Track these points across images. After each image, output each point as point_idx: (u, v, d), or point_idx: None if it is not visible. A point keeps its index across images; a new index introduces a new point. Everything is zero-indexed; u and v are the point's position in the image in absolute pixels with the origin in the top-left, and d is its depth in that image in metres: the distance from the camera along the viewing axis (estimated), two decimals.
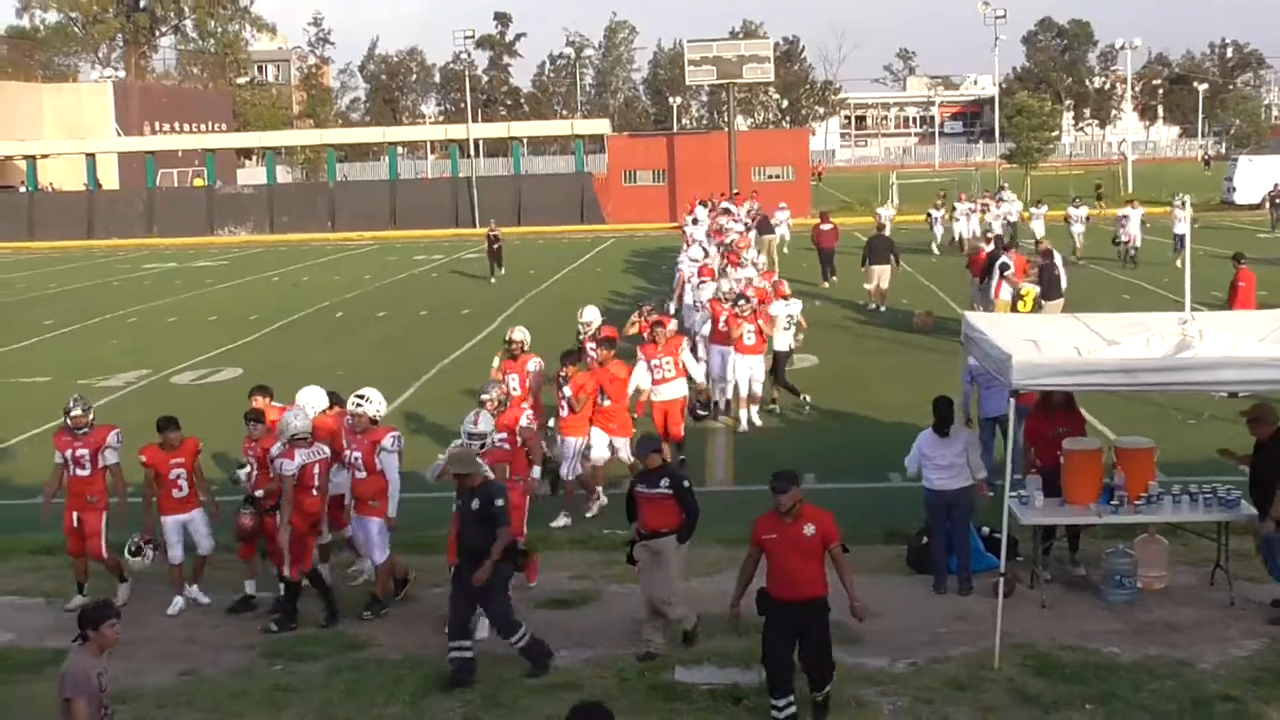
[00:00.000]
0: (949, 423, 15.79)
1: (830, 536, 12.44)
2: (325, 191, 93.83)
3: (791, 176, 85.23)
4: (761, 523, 12.59)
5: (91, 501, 16.39)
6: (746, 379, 24.63)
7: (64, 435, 16.65)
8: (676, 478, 14.24)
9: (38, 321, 44.79)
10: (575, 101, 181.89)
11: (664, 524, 14.13)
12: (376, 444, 15.74)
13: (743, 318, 24.49)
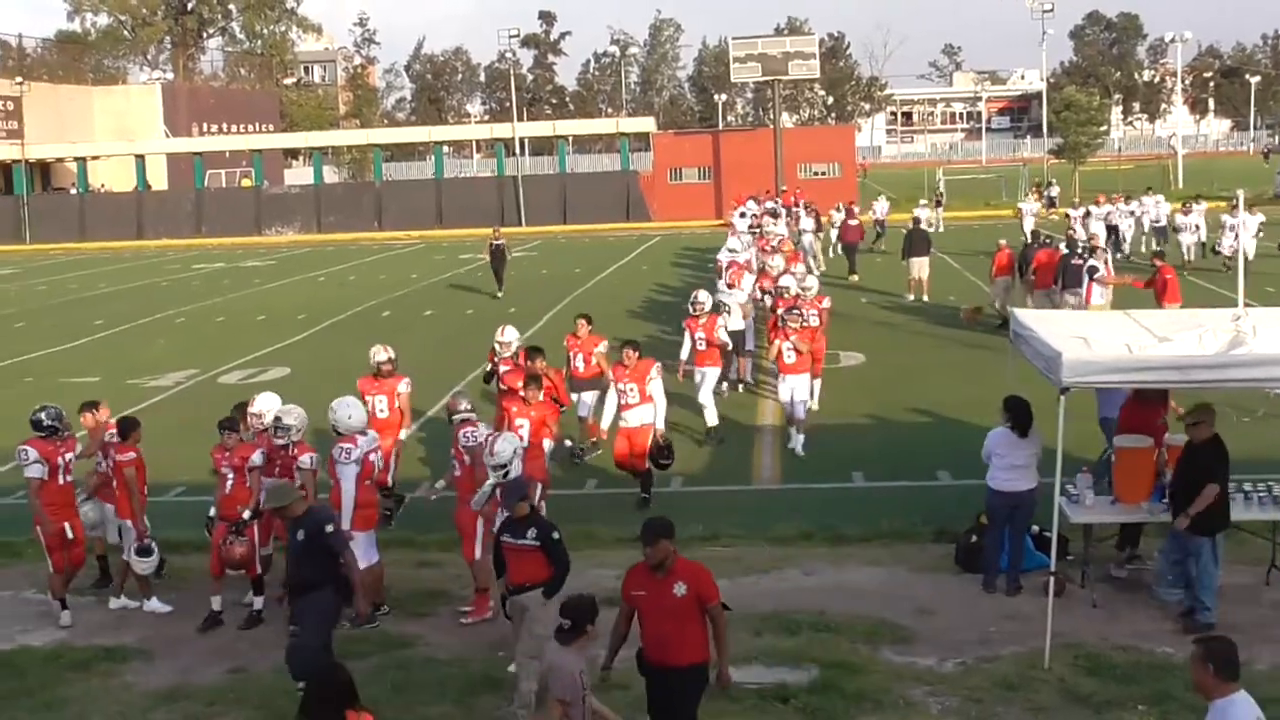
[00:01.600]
0: (1029, 423, 15.59)
1: (706, 595, 10.89)
2: (371, 191, 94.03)
3: (838, 173, 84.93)
4: (631, 576, 11.26)
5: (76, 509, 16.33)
6: (789, 399, 23.11)
7: (46, 445, 16.12)
8: (544, 528, 12.88)
9: (88, 321, 45.03)
10: (620, 99, 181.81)
11: (530, 578, 12.84)
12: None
13: (788, 331, 23.20)
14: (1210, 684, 8.24)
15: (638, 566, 11.17)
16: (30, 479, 15.99)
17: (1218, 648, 8.33)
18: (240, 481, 15.79)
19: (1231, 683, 8.19)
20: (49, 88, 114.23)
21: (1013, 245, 37.14)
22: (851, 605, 15.13)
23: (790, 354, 23.00)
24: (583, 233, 79.72)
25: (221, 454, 16.04)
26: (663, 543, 10.87)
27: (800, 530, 18.03)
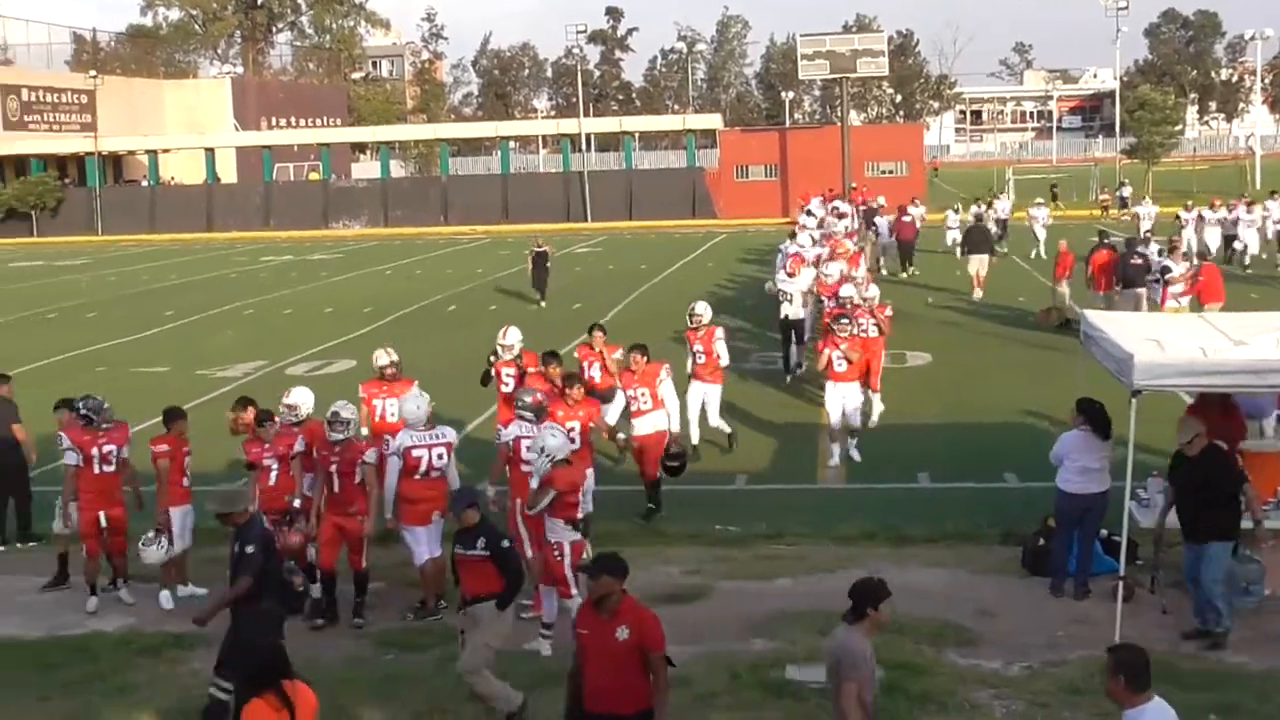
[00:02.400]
0: (1108, 426, 15.33)
1: (649, 642, 10.03)
2: (438, 185, 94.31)
3: (905, 172, 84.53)
4: (581, 612, 10.52)
5: (118, 498, 16.45)
6: (839, 408, 21.97)
7: (84, 434, 16.32)
8: (494, 537, 12.50)
9: (158, 313, 45.36)
10: (687, 96, 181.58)
11: (481, 589, 12.49)
12: None
13: (837, 339, 21.97)
14: (1121, 694, 8.27)
15: (586, 602, 10.56)
16: (65, 465, 16.36)
17: (1127, 658, 8.35)
18: (284, 471, 15.87)
19: (1142, 693, 8.21)
20: (122, 81, 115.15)
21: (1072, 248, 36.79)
22: (916, 606, 15.02)
23: (840, 362, 21.82)
24: (648, 229, 79.68)
25: (260, 446, 16.02)
26: (605, 579, 10.09)
27: (864, 530, 17.97)
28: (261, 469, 15.93)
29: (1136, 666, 8.28)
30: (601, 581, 10.08)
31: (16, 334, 40.87)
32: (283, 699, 8.79)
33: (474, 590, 12.52)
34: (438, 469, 15.60)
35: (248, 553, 12.34)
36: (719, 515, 19.11)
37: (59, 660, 14.59)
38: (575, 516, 14.40)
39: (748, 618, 14.90)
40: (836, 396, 21.89)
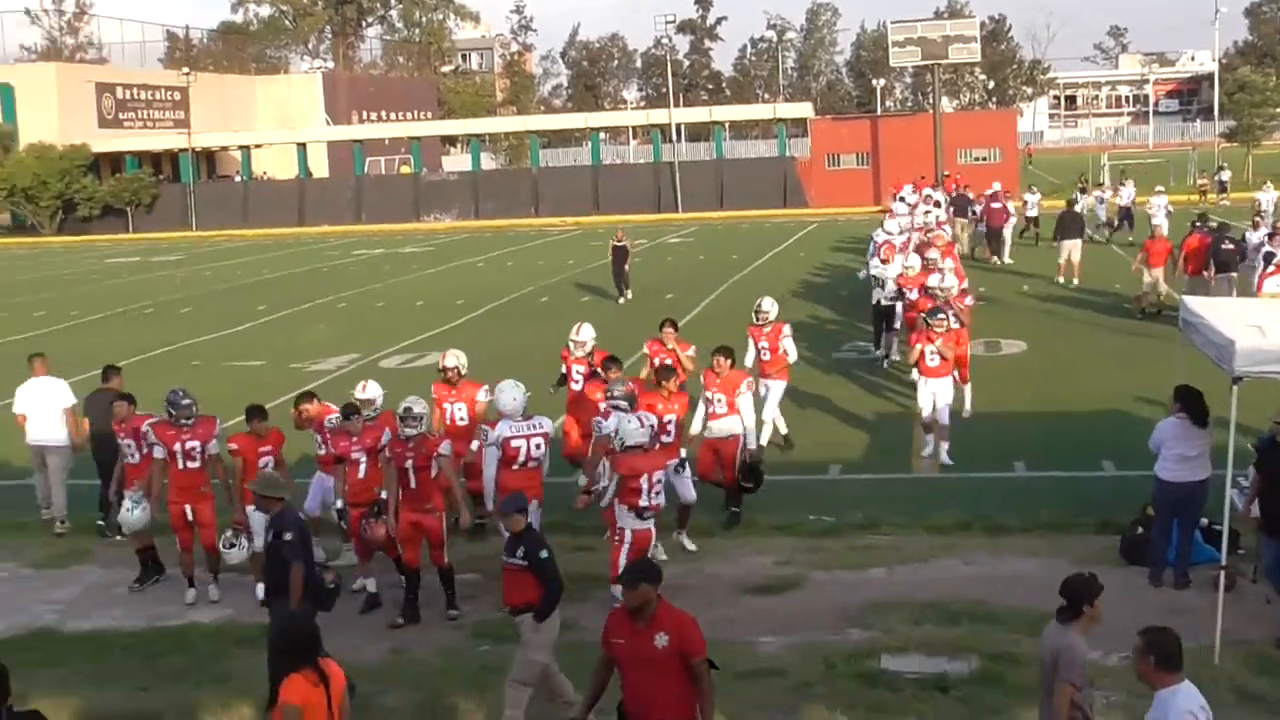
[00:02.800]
0: (1206, 413, 15.13)
1: (691, 649, 9.69)
2: (528, 177, 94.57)
3: (999, 159, 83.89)
4: (612, 620, 10.12)
5: (204, 492, 16.54)
6: (930, 404, 21.36)
7: (168, 429, 16.53)
8: (534, 547, 12.11)
9: (252, 307, 45.76)
10: (777, 85, 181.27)
11: (519, 599, 12.20)
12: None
13: (932, 334, 21.40)
14: (1153, 676, 8.37)
15: (618, 611, 10.13)
16: (154, 459, 16.61)
17: (1158, 640, 8.43)
18: (373, 463, 15.87)
19: (1174, 674, 8.30)
20: (214, 78, 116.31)
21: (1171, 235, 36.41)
22: (1012, 596, 14.93)
23: (933, 358, 21.28)
24: (739, 219, 79.54)
25: (347, 440, 16.11)
26: (643, 587, 9.75)
27: (959, 519, 17.85)
28: (350, 462, 16.00)
29: (1167, 648, 8.35)
30: (639, 590, 9.73)
31: (114, 329, 41.34)
32: (319, 674, 9.17)
33: (512, 600, 12.30)
34: (535, 459, 15.74)
35: (287, 539, 12.52)
36: (812, 505, 19.05)
37: (158, 650, 14.75)
38: (638, 503, 14.50)
39: (842, 608, 14.85)
40: (928, 392, 21.35)
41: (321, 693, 9.15)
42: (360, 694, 13.26)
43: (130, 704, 13.38)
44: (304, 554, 12.56)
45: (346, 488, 16.01)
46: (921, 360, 21.38)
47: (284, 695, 9.13)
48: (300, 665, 9.22)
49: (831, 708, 12.42)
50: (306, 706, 9.07)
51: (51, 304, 49.52)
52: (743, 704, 12.62)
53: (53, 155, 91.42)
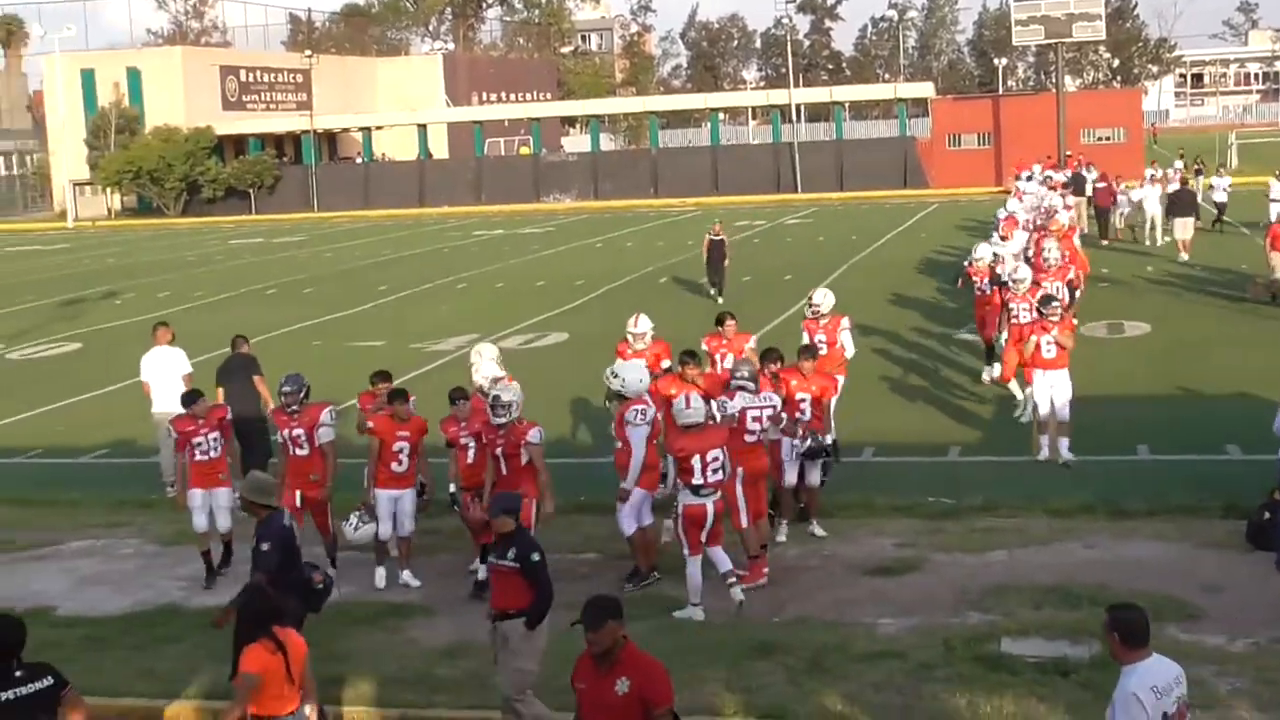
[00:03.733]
0: None
1: (655, 698, 9.00)
2: (647, 158, 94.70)
3: (1123, 138, 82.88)
4: (580, 662, 9.42)
5: (314, 480, 16.33)
6: (1047, 400, 20.14)
7: (280, 415, 16.61)
8: (525, 548, 11.64)
9: (373, 287, 46.16)
10: (898, 65, 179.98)
11: (510, 604, 11.74)
12: (622, 416, 15.72)
13: (1048, 324, 20.25)
14: (1119, 651, 8.46)
15: (585, 655, 9.29)
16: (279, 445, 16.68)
17: (1123, 617, 8.50)
18: (481, 448, 15.76)
19: (1136, 651, 8.38)
20: (336, 60, 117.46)
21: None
22: (1135, 580, 14.76)
23: (1049, 348, 19.96)
24: (859, 200, 79.19)
25: (456, 425, 16.07)
26: (610, 625, 9.03)
27: (1081, 503, 17.66)
28: (459, 447, 16.01)
29: (1131, 624, 8.42)
30: (606, 629, 9.03)
31: (238, 309, 41.87)
32: (276, 643, 9.98)
33: (501, 604, 11.85)
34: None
35: (263, 550, 12.31)
36: (932, 487, 18.96)
37: None
38: (690, 481, 14.63)
39: (962, 590, 14.76)
40: (1045, 386, 20.06)
41: (280, 660, 9.96)
42: (479, 671, 13.39)
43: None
44: (275, 565, 12.20)
45: (458, 471, 15.99)
46: (1037, 352, 20.11)
47: (244, 665, 9.95)
48: (258, 636, 10.02)
49: (950, 690, 12.36)
50: (265, 673, 9.88)
51: (176, 285, 50.24)
52: (861, 685, 12.59)
53: (178, 138, 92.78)
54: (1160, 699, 8.23)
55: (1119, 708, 8.28)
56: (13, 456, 24.48)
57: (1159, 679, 8.32)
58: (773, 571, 15.62)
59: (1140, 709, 8.16)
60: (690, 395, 15.23)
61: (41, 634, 14.78)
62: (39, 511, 20.18)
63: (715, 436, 15.03)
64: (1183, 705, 8.40)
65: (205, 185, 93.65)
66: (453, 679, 13.28)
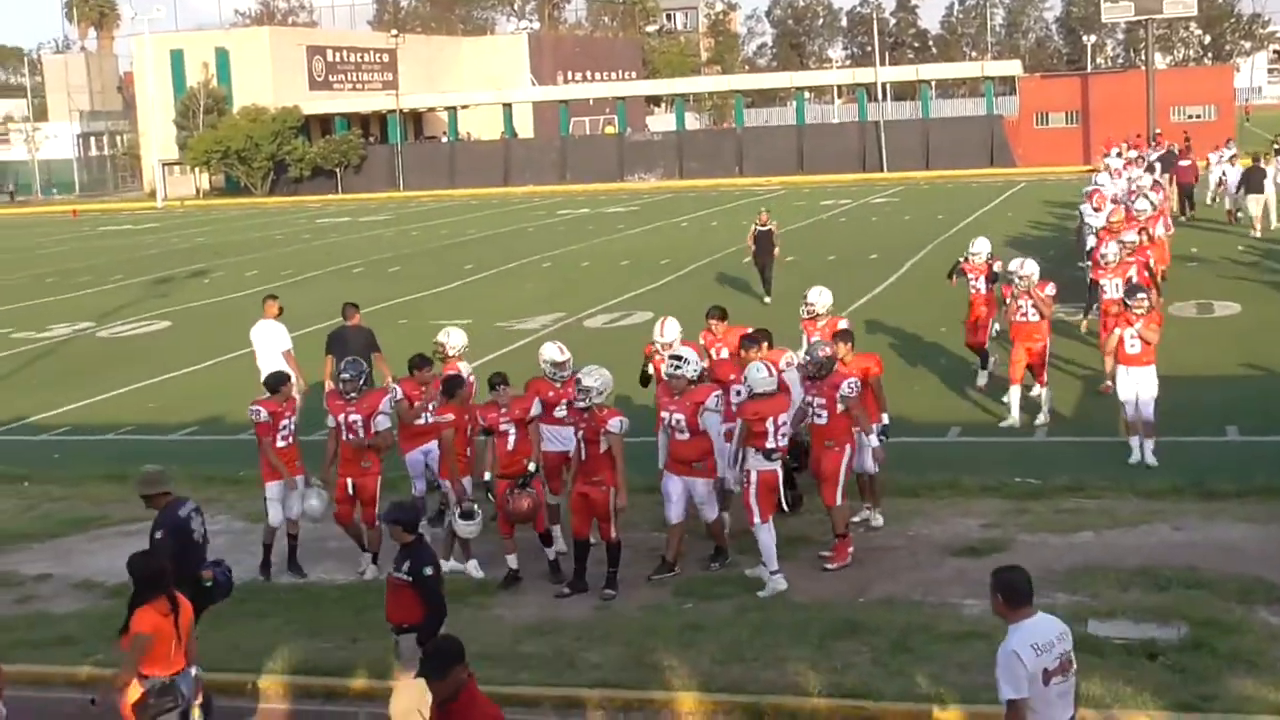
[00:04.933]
0: None
1: None
2: (733, 137, 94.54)
3: (1213, 116, 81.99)
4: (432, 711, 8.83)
5: (366, 468, 16.13)
6: (1133, 398, 19.16)
7: (336, 399, 16.27)
8: (418, 561, 11.27)
9: (458, 266, 46.37)
10: (985, 42, 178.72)
11: (400, 616, 11.37)
12: (699, 404, 15.29)
13: (1132, 316, 19.24)
14: (1003, 611, 8.80)
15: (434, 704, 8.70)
16: (328, 427, 16.43)
17: (1006, 578, 8.84)
18: (522, 435, 15.49)
19: (1019, 610, 8.70)
20: (421, 39, 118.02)
21: None
22: (1224, 562, 14.66)
23: (1134, 343, 19.07)
24: (945, 179, 78.72)
25: (497, 411, 15.58)
26: (454, 672, 8.48)
27: (1170, 484, 17.52)
28: (499, 434, 15.57)
29: (1012, 585, 8.75)
30: (451, 677, 8.45)
31: (325, 287, 42.14)
32: (170, 604, 10.53)
33: (394, 616, 11.45)
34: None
35: (156, 538, 12.28)
36: (1018, 467, 18.84)
37: (368, 604, 15.02)
38: (764, 445, 14.74)
39: (1048, 571, 14.67)
40: (1129, 383, 19.14)
41: (170, 622, 10.47)
42: (565, 648, 13.48)
43: (340, 654, 13.69)
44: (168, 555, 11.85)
45: (495, 459, 15.64)
46: (1120, 347, 19.24)
47: (135, 626, 10.40)
48: (151, 598, 10.48)
49: None
50: (156, 634, 10.36)
51: (264, 264, 50.69)
52: (947, 666, 12.57)
53: (265, 118, 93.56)
54: (1040, 655, 8.54)
55: (1000, 664, 8.58)
56: (105, 433, 24.81)
57: (1040, 637, 8.62)
58: (858, 552, 15.60)
59: (1019, 665, 8.47)
60: (767, 363, 15.34)
61: None
62: (130, 488, 20.40)
63: (784, 401, 15.23)
64: (1065, 660, 8.68)
65: (292, 165, 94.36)
66: (538, 656, 13.36)
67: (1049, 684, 8.58)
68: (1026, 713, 8.52)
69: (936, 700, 11.96)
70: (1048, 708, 8.61)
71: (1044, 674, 8.54)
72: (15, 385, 29.81)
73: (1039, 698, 8.54)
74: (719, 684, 12.41)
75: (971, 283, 24.28)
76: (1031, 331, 21.24)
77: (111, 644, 11.89)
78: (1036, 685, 8.52)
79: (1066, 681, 8.71)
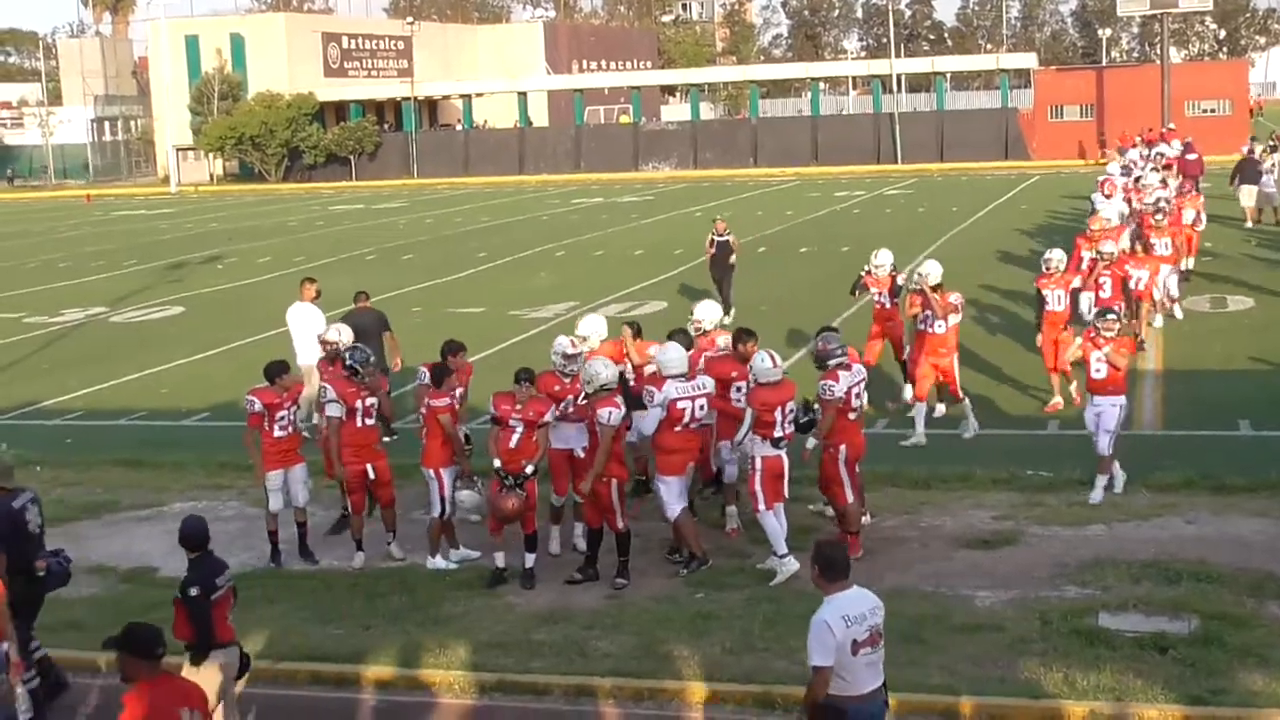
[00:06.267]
0: None
1: None
2: (747, 128, 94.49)
3: (1228, 111, 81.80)
4: None
5: (379, 450, 16.24)
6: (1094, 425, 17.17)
7: (347, 385, 16.11)
8: (187, 582, 10.83)
9: (472, 254, 46.39)
10: (1000, 35, 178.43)
11: (180, 634, 10.78)
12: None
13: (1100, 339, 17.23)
14: (820, 583, 9.35)
15: None
16: (329, 418, 16.16)
17: (823, 551, 9.43)
18: (528, 435, 15.14)
19: (834, 583, 9.26)
20: (437, 27, 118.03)
21: None
22: (1236, 556, 14.67)
23: (1099, 368, 17.30)
24: (959, 171, 78.63)
25: (510, 403, 15.20)
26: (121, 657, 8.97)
27: (1182, 478, 17.50)
28: (505, 427, 15.21)
29: (830, 559, 9.33)
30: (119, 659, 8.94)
31: (338, 274, 42.05)
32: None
33: (176, 633, 10.77)
34: (699, 420, 15.55)
35: None
36: (1030, 460, 18.83)
37: (380, 591, 15.09)
38: (772, 434, 14.88)
39: (1060, 564, 14.71)
40: (1091, 413, 17.54)
41: None
42: (576, 637, 13.50)
43: (353, 641, 13.72)
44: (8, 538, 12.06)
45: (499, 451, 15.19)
46: (1088, 371, 17.62)
47: None
48: None
49: (1047, 664, 12.33)
50: None
51: (277, 250, 50.73)
52: (957, 658, 12.59)
53: (280, 104, 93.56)
54: (850, 627, 9.08)
55: (811, 632, 9.11)
56: (117, 419, 24.84)
57: (852, 609, 9.16)
58: (870, 543, 15.62)
59: (829, 634, 9.01)
60: (771, 353, 15.33)
61: (144, 594, 15.13)
62: (143, 473, 20.48)
63: (790, 389, 15.25)
64: (874, 633, 9.21)
65: (306, 151, 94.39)
66: (550, 644, 13.40)
67: (857, 654, 9.11)
68: (833, 679, 9.05)
69: (948, 691, 11.98)
70: (854, 676, 9.13)
71: (853, 644, 9.07)
72: (28, 370, 29.88)
73: (846, 666, 9.07)
74: (730, 673, 12.43)
75: (875, 297, 22.42)
76: (937, 345, 20.25)
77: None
78: (845, 654, 9.05)
79: (875, 653, 9.24)
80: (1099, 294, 22.15)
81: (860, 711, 9.20)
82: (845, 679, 9.10)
